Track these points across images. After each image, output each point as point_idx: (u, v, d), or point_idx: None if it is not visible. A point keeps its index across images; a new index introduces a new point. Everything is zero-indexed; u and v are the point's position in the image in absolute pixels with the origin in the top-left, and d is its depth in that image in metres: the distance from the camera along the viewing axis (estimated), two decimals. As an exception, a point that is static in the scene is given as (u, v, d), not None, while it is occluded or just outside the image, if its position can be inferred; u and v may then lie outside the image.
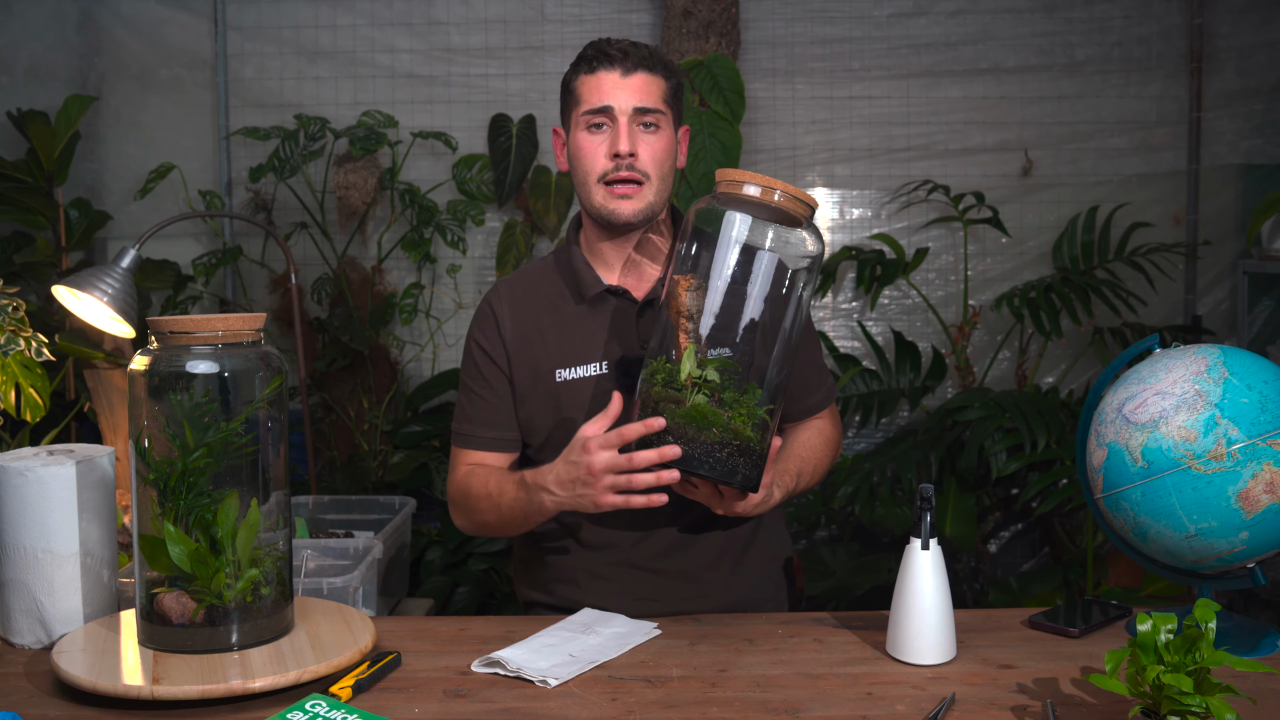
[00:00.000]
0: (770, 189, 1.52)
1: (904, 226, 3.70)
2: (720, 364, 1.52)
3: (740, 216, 1.53)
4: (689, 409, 1.48)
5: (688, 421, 1.48)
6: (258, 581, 1.46)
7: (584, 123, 1.75)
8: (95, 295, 2.25)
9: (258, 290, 3.75)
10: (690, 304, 1.52)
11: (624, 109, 1.72)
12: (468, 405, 1.84)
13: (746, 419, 1.50)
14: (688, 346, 1.51)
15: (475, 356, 1.84)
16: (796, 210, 1.54)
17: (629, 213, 1.74)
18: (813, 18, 3.66)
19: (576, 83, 1.77)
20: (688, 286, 1.53)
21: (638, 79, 1.73)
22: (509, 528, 1.75)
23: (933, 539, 1.49)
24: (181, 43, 3.74)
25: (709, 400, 1.50)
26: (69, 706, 1.38)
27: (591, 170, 1.74)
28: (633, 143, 1.72)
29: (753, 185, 1.53)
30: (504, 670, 1.47)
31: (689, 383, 1.50)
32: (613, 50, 1.74)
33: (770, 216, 1.54)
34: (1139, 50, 3.63)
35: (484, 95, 3.70)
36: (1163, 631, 1.21)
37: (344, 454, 3.62)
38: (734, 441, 1.48)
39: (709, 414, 1.48)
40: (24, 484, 1.55)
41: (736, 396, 1.51)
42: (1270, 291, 3.52)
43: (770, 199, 1.53)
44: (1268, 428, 1.42)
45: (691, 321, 1.52)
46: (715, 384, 1.51)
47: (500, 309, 1.83)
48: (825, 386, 1.91)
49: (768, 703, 1.37)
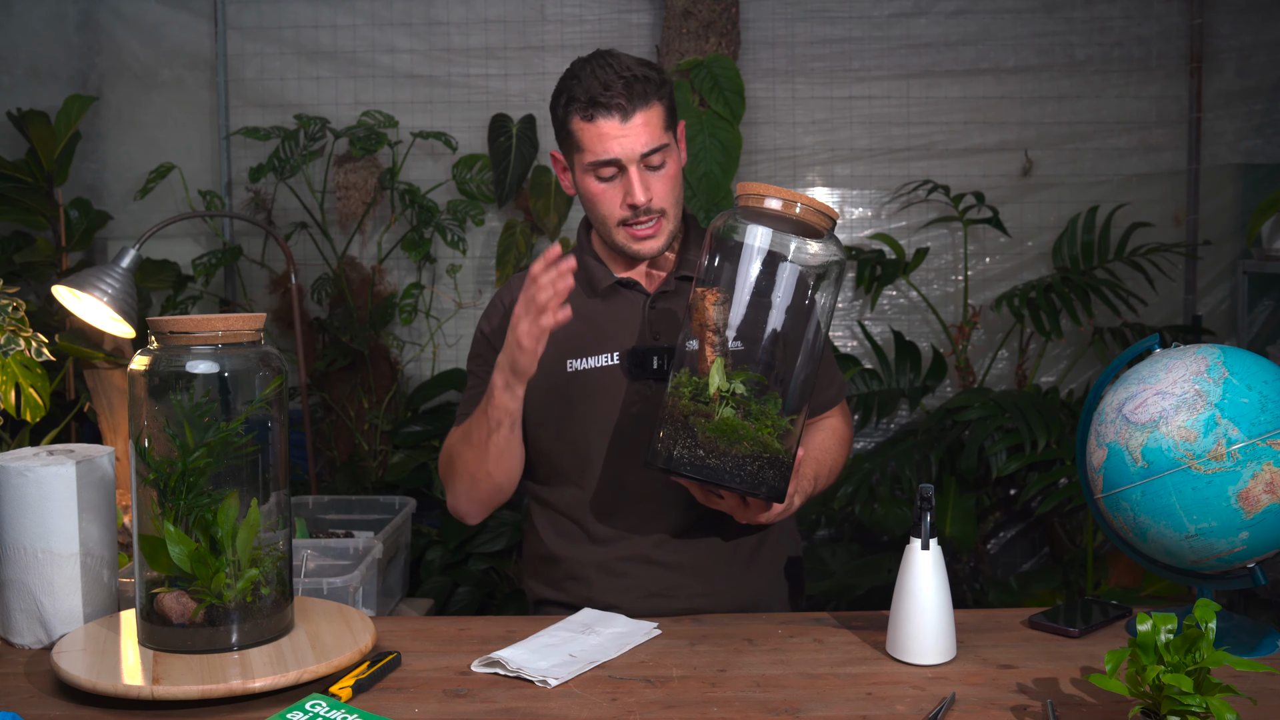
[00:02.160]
0: (792, 202, 1.54)
1: (904, 226, 3.70)
2: (747, 377, 1.54)
3: (763, 230, 1.55)
4: (718, 423, 1.50)
5: (718, 435, 1.50)
6: (258, 581, 1.46)
7: (592, 171, 1.74)
8: (95, 295, 2.25)
9: (258, 290, 3.75)
10: (717, 318, 1.54)
11: (631, 158, 1.71)
12: (471, 391, 1.87)
13: (772, 430, 1.51)
14: (715, 360, 1.53)
15: (480, 345, 1.88)
16: (818, 223, 1.55)
17: (652, 250, 1.77)
18: (813, 18, 3.66)
19: (573, 125, 1.73)
20: (714, 301, 1.54)
21: (638, 121, 1.70)
22: (482, 459, 1.74)
23: (933, 539, 1.49)
24: (182, 43, 3.74)
25: (736, 413, 1.52)
26: (69, 706, 1.38)
27: (609, 216, 1.75)
28: (646, 189, 1.72)
29: (774, 199, 1.54)
30: (504, 670, 1.47)
31: (717, 396, 1.52)
32: (609, 97, 1.69)
33: (792, 229, 1.55)
34: (1139, 50, 3.63)
35: (484, 95, 3.70)
36: (1163, 631, 1.21)
37: (344, 454, 3.62)
38: (763, 454, 1.51)
39: (739, 427, 1.50)
40: (24, 484, 1.55)
41: (762, 408, 1.53)
42: (1270, 291, 3.52)
43: (792, 212, 1.54)
44: (1268, 428, 1.42)
45: (718, 335, 1.54)
46: (743, 397, 1.53)
47: (510, 300, 1.84)
48: (837, 383, 1.92)
49: (768, 703, 1.37)
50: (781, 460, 1.53)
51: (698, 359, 1.56)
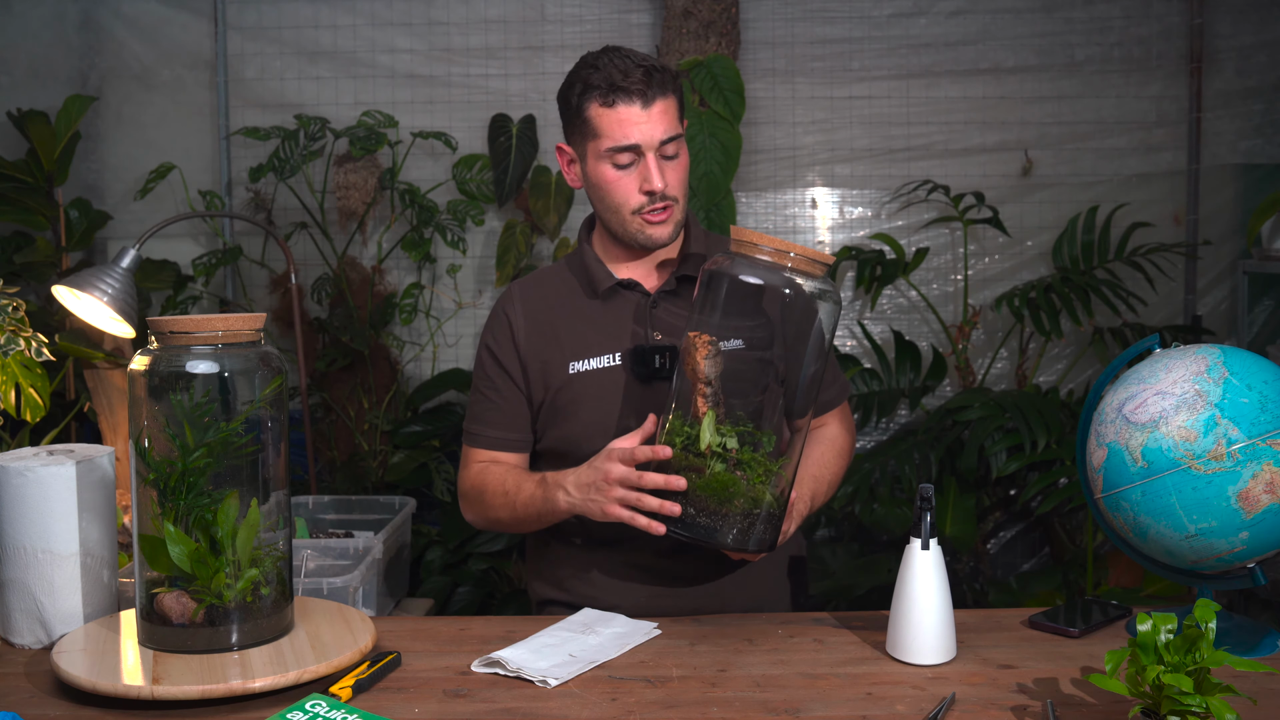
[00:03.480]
0: (784, 252, 1.52)
1: (904, 226, 3.70)
2: (738, 431, 1.53)
3: (755, 278, 1.53)
4: (709, 480, 1.49)
5: (709, 494, 1.49)
6: (258, 581, 1.46)
7: (609, 158, 1.74)
8: (95, 295, 2.25)
9: (258, 290, 3.75)
10: (708, 370, 1.52)
11: (651, 144, 1.72)
12: (477, 407, 1.87)
13: (764, 479, 1.50)
14: (707, 412, 1.52)
15: (485, 361, 1.87)
16: (811, 270, 1.53)
17: (665, 236, 1.78)
18: (813, 18, 3.66)
19: (591, 111, 1.74)
20: (706, 355, 1.52)
21: (658, 108, 1.72)
22: (519, 525, 1.79)
23: (933, 539, 1.49)
24: (182, 43, 3.74)
25: (727, 465, 1.50)
26: (69, 706, 1.38)
27: (625, 204, 1.76)
28: (664, 176, 1.73)
29: (767, 248, 1.52)
30: (504, 670, 1.47)
31: (708, 451, 1.51)
32: (630, 82, 1.71)
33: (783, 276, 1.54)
34: (1139, 50, 3.63)
35: (484, 95, 3.70)
36: (1163, 631, 1.21)
37: (344, 454, 3.62)
38: (754, 510, 1.49)
39: (730, 484, 1.48)
40: (24, 484, 1.55)
41: (753, 455, 1.51)
42: (1270, 291, 3.52)
43: (785, 262, 1.52)
44: (1268, 428, 1.42)
45: (710, 386, 1.53)
46: (736, 452, 1.51)
47: (513, 311, 1.85)
48: (838, 383, 1.91)
49: (768, 703, 1.37)
50: (773, 513, 1.52)
51: (689, 404, 1.54)
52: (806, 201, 3.72)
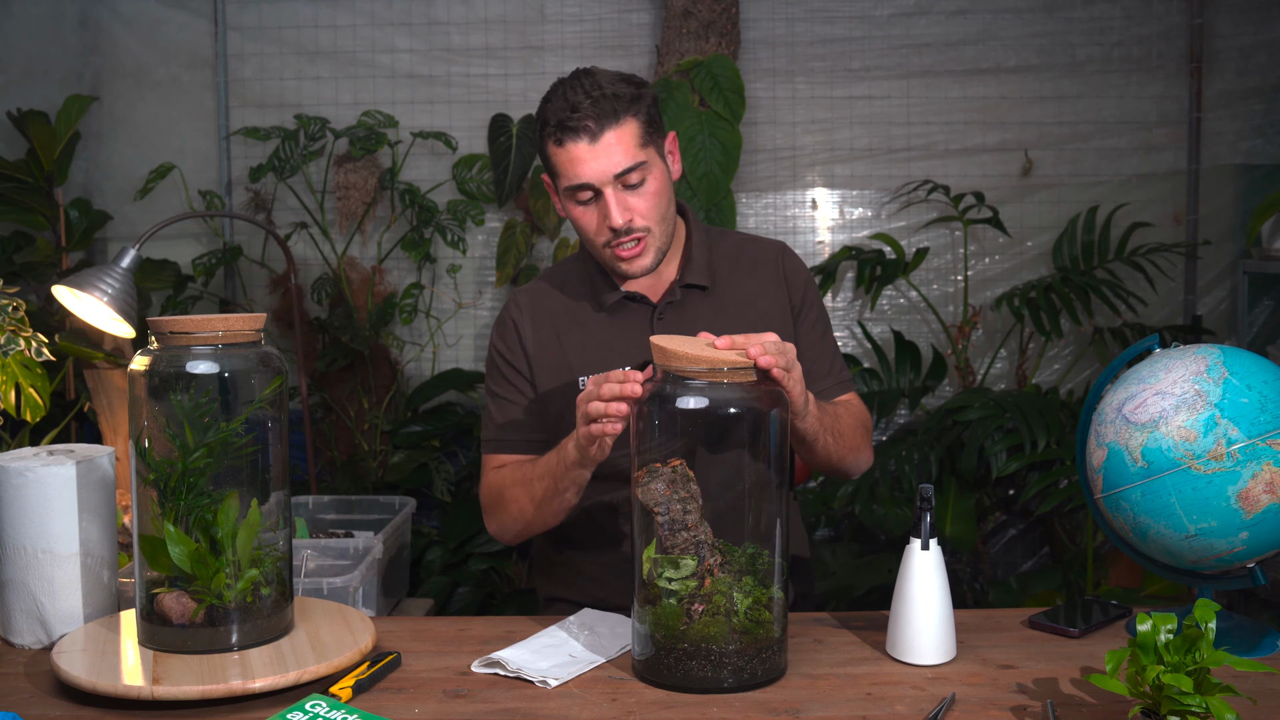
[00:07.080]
0: (716, 368, 1.37)
1: (904, 226, 3.70)
2: (719, 546, 1.41)
3: (691, 399, 1.37)
4: (700, 629, 1.38)
5: (701, 642, 1.39)
6: (258, 581, 1.46)
7: (570, 196, 1.72)
8: (95, 295, 2.25)
9: (258, 290, 3.75)
10: (645, 498, 1.40)
11: (604, 180, 1.67)
12: (495, 412, 1.85)
13: (755, 604, 1.40)
14: (650, 541, 1.40)
15: (498, 364, 1.86)
16: (744, 379, 1.39)
17: (641, 268, 1.75)
18: (813, 17, 3.66)
19: (548, 149, 1.71)
20: (640, 481, 1.40)
21: (607, 140, 1.66)
22: (538, 508, 1.71)
23: (933, 539, 1.49)
24: (181, 43, 3.74)
25: (685, 598, 1.39)
26: (69, 707, 1.38)
27: (595, 239, 1.74)
28: (623, 211, 1.69)
29: (694, 368, 1.37)
30: (504, 670, 1.47)
31: (688, 603, 1.39)
32: (576, 120, 1.65)
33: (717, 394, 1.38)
34: (1139, 50, 3.63)
35: (484, 95, 3.70)
36: (1163, 631, 1.21)
37: (344, 454, 3.62)
38: (752, 647, 1.40)
39: (723, 631, 1.38)
40: (24, 484, 1.55)
41: (741, 573, 1.40)
42: (1270, 291, 3.52)
43: (719, 379, 1.38)
44: (1268, 428, 1.42)
45: (664, 517, 1.40)
46: (725, 586, 1.40)
47: (521, 320, 1.85)
48: (835, 373, 1.85)
49: (767, 703, 1.37)
50: (772, 640, 1.41)
51: (657, 536, 1.41)
52: (806, 202, 3.72)
